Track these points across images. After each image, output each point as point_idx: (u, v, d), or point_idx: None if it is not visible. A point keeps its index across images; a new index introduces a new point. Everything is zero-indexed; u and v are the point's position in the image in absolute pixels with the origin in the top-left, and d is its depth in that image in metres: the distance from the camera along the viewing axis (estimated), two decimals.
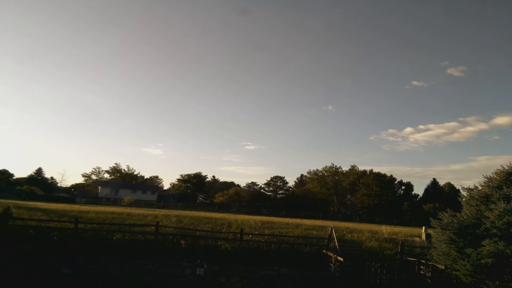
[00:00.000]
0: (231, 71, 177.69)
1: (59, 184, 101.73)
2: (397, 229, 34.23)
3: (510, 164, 14.88)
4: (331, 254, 18.01)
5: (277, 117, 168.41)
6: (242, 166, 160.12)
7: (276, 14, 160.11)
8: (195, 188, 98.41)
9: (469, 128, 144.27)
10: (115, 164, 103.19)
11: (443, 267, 14.66)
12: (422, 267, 16.21)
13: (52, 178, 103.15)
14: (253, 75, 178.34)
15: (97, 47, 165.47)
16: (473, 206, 14.91)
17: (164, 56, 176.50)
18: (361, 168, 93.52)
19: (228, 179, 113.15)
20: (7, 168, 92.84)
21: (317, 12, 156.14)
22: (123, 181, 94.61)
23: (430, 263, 15.73)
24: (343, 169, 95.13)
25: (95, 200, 73.00)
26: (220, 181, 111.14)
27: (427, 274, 15.76)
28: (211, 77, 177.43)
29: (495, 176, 15.05)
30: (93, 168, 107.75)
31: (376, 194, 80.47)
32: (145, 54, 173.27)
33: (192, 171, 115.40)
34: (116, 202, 72.20)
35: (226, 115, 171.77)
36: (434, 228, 15.81)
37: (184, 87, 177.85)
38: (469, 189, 16.01)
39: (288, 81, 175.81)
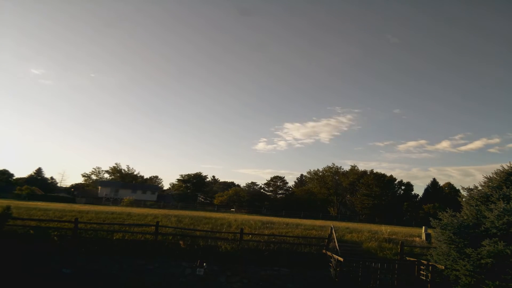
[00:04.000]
0: (229, 73, 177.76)
1: (59, 184, 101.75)
2: (397, 229, 34.22)
3: (510, 164, 14.87)
4: (331, 254, 18.00)
5: (276, 118, 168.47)
6: (241, 166, 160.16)
7: (273, 16, 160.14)
8: (195, 188, 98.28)
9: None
10: (115, 164, 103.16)
11: (443, 267, 14.64)
12: (422, 267, 16.20)
13: (52, 178, 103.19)
14: (251, 76, 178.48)
15: (96, 48, 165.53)
16: (473, 206, 14.89)
17: (162, 57, 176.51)
18: (361, 168, 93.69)
19: (228, 179, 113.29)
20: (7, 168, 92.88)
21: (314, 13, 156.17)
22: (123, 181, 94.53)
23: (430, 263, 15.71)
24: (343, 169, 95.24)
25: (95, 200, 72.96)
26: (220, 181, 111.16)
27: (427, 274, 15.75)
28: (208, 78, 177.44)
29: (495, 176, 15.02)
30: (93, 168, 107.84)
31: (376, 194, 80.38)
32: (143, 55, 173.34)
33: (192, 171, 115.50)
34: (116, 202, 72.15)
35: (223, 116, 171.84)
36: (434, 228, 15.78)
37: (183, 88, 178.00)
38: (469, 189, 15.98)
39: (286, 82, 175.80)
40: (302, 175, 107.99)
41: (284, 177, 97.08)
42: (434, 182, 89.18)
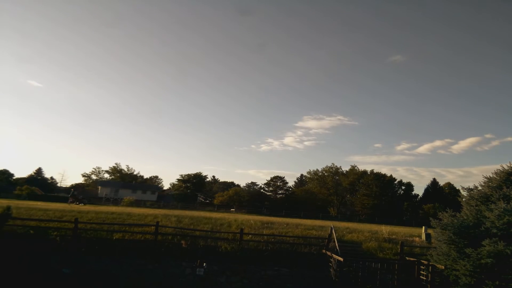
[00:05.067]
0: (227, 73, 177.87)
1: (59, 184, 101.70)
2: (396, 229, 34.23)
3: (510, 164, 14.86)
4: (331, 254, 18.00)
5: (276, 118, 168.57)
6: (242, 167, 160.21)
7: (272, 16, 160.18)
8: (195, 188, 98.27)
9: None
10: (115, 164, 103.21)
11: (443, 267, 14.64)
12: (422, 267, 16.20)
13: (52, 178, 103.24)
14: (250, 77, 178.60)
15: (96, 48, 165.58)
16: (473, 206, 14.88)
17: (161, 57, 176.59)
18: (361, 168, 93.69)
19: (228, 179, 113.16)
20: (7, 168, 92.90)
21: (312, 14, 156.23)
22: (123, 181, 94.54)
23: (430, 263, 15.70)
24: (343, 169, 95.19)
25: (95, 200, 72.97)
26: (220, 181, 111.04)
27: (427, 274, 15.74)
28: (208, 78, 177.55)
29: (495, 176, 15.01)
30: (93, 168, 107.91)
31: (376, 194, 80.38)
32: (143, 55, 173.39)
33: (192, 171, 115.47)
34: (116, 202, 72.14)
35: (223, 117, 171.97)
36: (434, 228, 15.78)
37: (183, 88, 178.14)
38: (469, 189, 15.96)
39: (286, 83, 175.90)
40: (302, 175, 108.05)
41: (284, 177, 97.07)
42: (434, 182, 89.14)
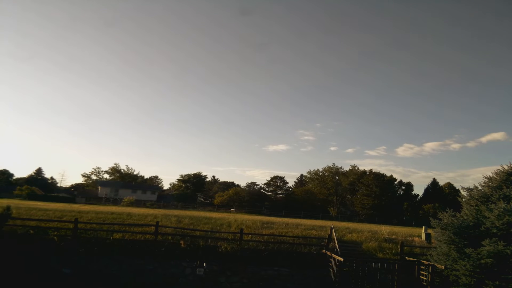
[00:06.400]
0: (228, 72, 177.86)
1: (59, 184, 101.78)
2: (396, 229, 34.24)
3: (510, 164, 14.86)
4: (331, 254, 18.00)
5: (277, 118, 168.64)
6: (242, 167, 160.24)
7: (274, 15, 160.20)
8: (195, 188, 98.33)
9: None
10: (115, 164, 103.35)
11: (443, 267, 14.64)
12: (422, 267, 16.19)
13: (52, 178, 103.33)
14: (251, 77, 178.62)
15: (96, 46, 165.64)
16: (473, 206, 14.88)
17: (162, 56, 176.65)
18: (361, 168, 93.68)
19: (228, 179, 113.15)
20: (7, 168, 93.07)
21: (313, 14, 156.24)
22: (123, 181, 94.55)
23: (430, 263, 15.70)
24: (343, 169, 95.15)
25: (95, 200, 72.99)
26: (220, 181, 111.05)
27: (427, 274, 15.74)
28: (208, 78, 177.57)
29: (495, 176, 15.00)
30: (93, 168, 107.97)
31: (376, 194, 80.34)
32: (143, 54, 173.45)
33: (192, 171, 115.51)
34: (116, 202, 72.14)
35: (224, 116, 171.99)
36: (434, 228, 15.78)
37: (182, 87, 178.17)
38: (469, 189, 15.96)
39: (287, 82, 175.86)
40: (302, 175, 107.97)
41: (284, 177, 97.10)
42: (434, 182, 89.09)
